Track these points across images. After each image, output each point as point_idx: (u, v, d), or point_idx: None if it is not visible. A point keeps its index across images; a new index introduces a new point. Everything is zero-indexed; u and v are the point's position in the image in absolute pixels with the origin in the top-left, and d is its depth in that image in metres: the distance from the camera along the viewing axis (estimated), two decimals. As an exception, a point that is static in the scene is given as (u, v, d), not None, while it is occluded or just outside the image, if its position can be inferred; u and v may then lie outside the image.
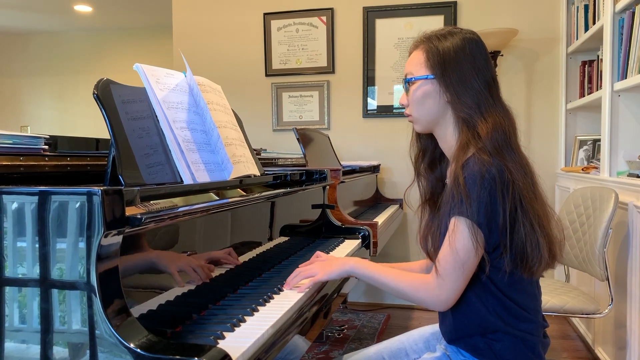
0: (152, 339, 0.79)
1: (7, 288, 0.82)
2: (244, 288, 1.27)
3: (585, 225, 2.22)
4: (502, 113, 1.17)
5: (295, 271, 1.29)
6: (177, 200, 1.04)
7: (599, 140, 2.81)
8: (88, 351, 0.79)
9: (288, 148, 3.65)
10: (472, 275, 1.13)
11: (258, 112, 3.85)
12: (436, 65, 1.18)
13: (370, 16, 3.66)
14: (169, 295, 0.99)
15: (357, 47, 3.70)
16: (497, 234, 1.09)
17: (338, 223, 2.07)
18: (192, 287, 1.07)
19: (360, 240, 2.01)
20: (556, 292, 2.15)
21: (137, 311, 0.88)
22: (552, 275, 3.18)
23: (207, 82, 1.38)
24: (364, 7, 3.66)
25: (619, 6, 2.34)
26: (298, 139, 2.58)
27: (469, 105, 1.16)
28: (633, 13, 2.24)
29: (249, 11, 3.85)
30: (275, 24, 3.81)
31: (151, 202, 0.94)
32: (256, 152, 1.73)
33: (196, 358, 0.75)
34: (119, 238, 0.83)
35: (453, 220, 1.11)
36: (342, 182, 2.39)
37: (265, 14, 3.81)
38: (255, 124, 3.78)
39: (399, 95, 3.63)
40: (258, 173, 1.47)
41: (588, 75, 3.10)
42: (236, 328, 0.96)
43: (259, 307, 1.09)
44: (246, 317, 1.02)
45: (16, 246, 0.82)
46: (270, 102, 3.85)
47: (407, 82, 1.24)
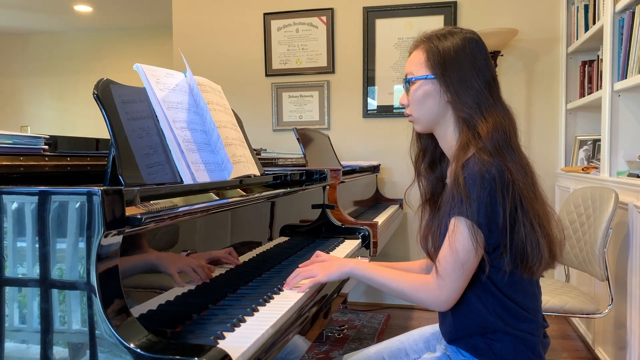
0: (152, 339, 0.79)
1: (7, 288, 0.82)
2: (244, 288, 1.27)
3: (585, 225, 2.22)
4: (503, 113, 1.17)
5: (295, 271, 1.29)
6: (177, 200, 1.04)
7: (599, 140, 2.81)
8: (88, 351, 0.79)
9: (288, 148, 3.65)
10: (472, 275, 1.13)
11: (258, 112, 3.85)
12: (436, 65, 1.18)
13: (370, 16, 3.66)
14: (169, 295, 0.99)
15: (357, 47, 3.70)
16: (497, 234, 1.09)
17: (338, 223, 2.07)
18: (192, 287, 1.07)
19: (360, 240, 2.01)
20: (556, 292, 2.15)
21: (137, 311, 0.88)
22: (552, 275, 3.18)
23: (207, 82, 1.38)
24: (364, 7, 3.66)
25: (619, 6, 2.34)
26: (298, 139, 2.58)
27: (470, 105, 1.16)
28: (633, 13, 2.24)
29: (249, 11, 3.85)
30: (275, 24, 3.81)
31: (151, 202, 0.94)
32: (256, 152, 1.73)
33: (196, 358, 0.75)
34: (119, 238, 0.83)
35: (453, 220, 1.11)
36: (342, 182, 2.39)
37: (265, 14, 3.81)
38: (255, 124, 3.78)
39: (399, 95, 3.63)
40: (258, 173, 1.47)
41: (588, 75, 3.10)
42: (236, 328, 0.96)
43: (259, 307, 1.09)
44: (246, 317, 1.02)
45: (16, 246, 0.82)
46: (270, 102, 3.85)
47: (408, 82, 1.24)
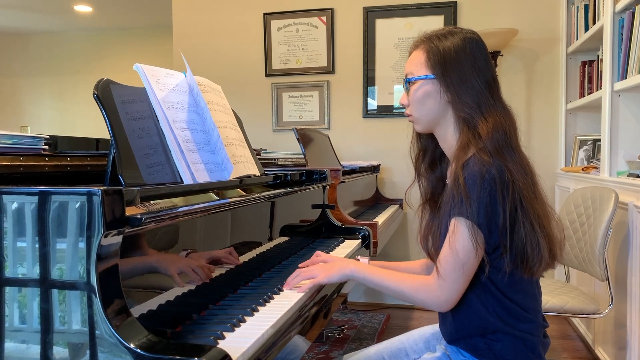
0: (152, 339, 0.79)
1: (7, 288, 0.82)
2: (244, 288, 1.27)
3: (585, 225, 2.22)
4: (503, 113, 1.17)
5: (295, 271, 1.29)
6: (177, 200, 1.04)
7: (599, 140, 2.81)
8: (88, 351, 0.79)
9: (288, 148, 3.65)
10: (473, 275, 1.13)
11: (258, 112, 3.85)
12: (437, 65, 1.18)
13: (370, 16, 3.66)
14: (169, 295, 0.99)
15: (357, 47, 3.70)
16: (497, 235, 1.09)
17: (338, 223, 2.07)
18: (192, 287, 1.07)
19: (360, 240, 2.01)
20: (556, 292, 2.15)
21: (137, 311, 0.88)
22: (552, 275, 3.18)
23: (207, 82, 1.38)
24: (364, 7, 3.66)
25: (619, 6, 2.34)
26: (298, 139, 2.58)
27: (470, 105, 1.16)
28: (633, 13, 2.24)
29: (249, 11, 3.85)
30: (275, 24, 3.81)
31: (151, 202, 0.94)
32: (256, 152, 1.73)
33: (196, 358, 0.75)
34: (119, 238, 0.83)
35: (453, 221, 1.11)
36: (342, 182, 2.39)
37: (265, 14, 3.81)
38: (255, 124, 3.78)
39: (399, 95, 3.63)
40: (258, 173, 1.47)
41: (588, 75, 3.10)
42: (236, 328, 0.96)
43: (259, 307, 1.09)
44: (246, 317, 1.02)
45: (16, 246, 0.82)
46: (270, 102, 3.85)
47: (408, 82, 1.24)
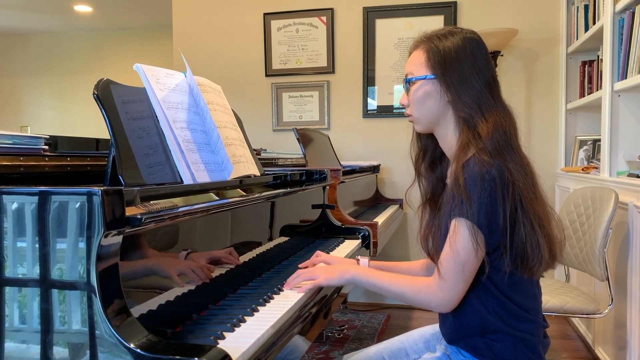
0: (152, 339, 0.79)
1: (7, 288, 0.82)
2: (244, 288, 1.27)
3: (585, 225, 2.22)
4: (503, 113, 1.17)
5: (296, 272, 1.29)
6: (177, 200, 1.04)
7: (599, 140, 2.81)
8: (88, 351, 0.79)
9: (288, 148, 3.65)
10: (474, 276, 1.13)
11: (258, 112, 3.85)
12: (437, 65, 1.18)
13: (370, 16, 3.66)
14: (169, 295, 0.99)
15: (357, 47, 3.70)
16: (498, 235, 1.09)
17: (338, 223, 2.07)
18: (192, 287, 1.07)
19: (360, 240, 2.01)
20: (556, 292, 2.15)
21: (137, 311, 0.88)
22: (552, 275, 3.18)
23: (207, 82, 1.38)
24: (364, 7, 3.66)
25: (619, 6, 2.34)
26: (298, 139, 2.58)
27: (470, 105, 1.16)
28: (633, 13, 2.23)
29: (249, 11, 3.85)
30: (275, 24, 3.81)
31: (151, 202, 0.94)
32: (256, 152, 1.73)
33: (196, 358, 0.75)
34: (119, 238, 0.83)
35: (453, 221, 1.10)
36: (342, 182, 2.39)
37: (265, 14, 3.81)
38: (255, 124, 3.78)
39: (399, 95, 3.63)
40: (258, 173, 1.47)
41: (588, 75, 3.10)
42: (236, 328, 0.96)
43: (259, 307, 1.09)
44: (246, 317, 1.02)
45: (16, 246, 0.82)
46: (270, 102, 3.85)
47: (408, 82, 1.23)
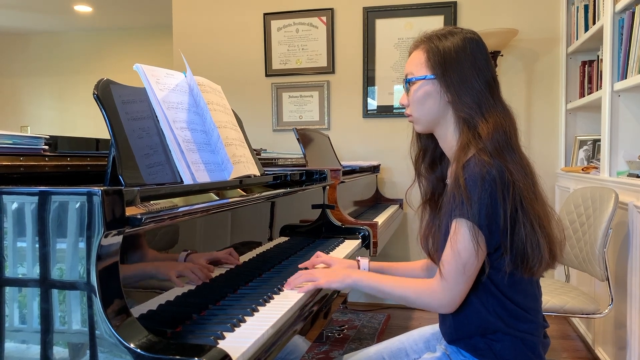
0: (152, 339, 0.79)
1: (7, 288, 0.82)
2: (244, 288, 1.27)
3: (585, 225, 2.22)
4: (503, 113, 1.17)
5: (297, 273, 1.29)
6: (177, 200, 1.04)
7: (599, 140, 2.81)
8: (88, 351, 0.79)
9: (288, 148, 3.65)
10: (475, 276, 1.13)
11: (258, 112, 3.85)
12: (437, 65, 1.18)
13: (370, 16, 3.66)
14: (169, 295, 0.99)
15: (357, 47, 3.70)
16: (498, 235, 1.09)
17: (338, 223, 2.07)
18: (192, 287, 1.07)
19: (360, 240, 2.01)
20: (556, 292, 2.15)
21: (137, 311, 0.88)
22: (552, 275, 3.18)
23: (207, 82, 1.38)
24: (364, 7, 3.66)
25: (619, 6, 2.34)
26: (298, 139, 2.58)
27: (470, 105, 1.15)
28: (633, 13, 2.23)
29: (249, 11, 3.85)
30: (275, 24, 3.81)
31: (151, 202, 0.94)
32: (256, 152, 1.73)
33: (196, 358, 0.75)
34: (119, 238, 0.83)
35: (454, 222, 1.10)
36: (342, 182, 2.39)
37: (265, 14, 3.81)
38: (255, 124, 3.78)
39: (399, 95, 3.63)
40: (258, 173, 1.47)
41: (588, 75, 3.10)
42: (236, 328, 0.96)
43: (259, 307, 1.09)
44: (246, 317, 1.02)
45: (16, 246, 0.82)
46: (270, 102, 3.85)
47: (408, 82, 1.23)
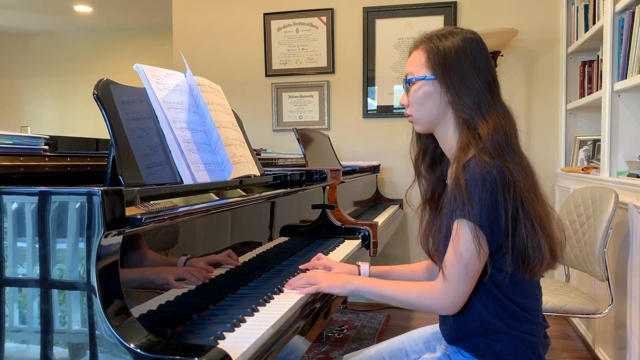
0: (152, 339, 0.79)
1: (7, 288, 0.82)
2: (244, 288, 1.27)
3: (585, 225, 2.22)
4: (503, 114, 1.17)
5: (299, 275, 1.30)
6: (177, 200, 1.04)
7: (599, 140, 2.81)
8: (88, 351, 0.79)
9: (288, 148, 3.65)
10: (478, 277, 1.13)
11: (258, 112, 3.85)
12: (437, 65, 1.18)
13: (370, 16, 3.66)
14: (169, 295, 0.99)
15: (357, 47, 3.70)
16: (499, 236, 1.09)
17: (338, 223, 2.07)
18: (192, 288, 1.07)
19: (360, 240, 2.01)
20: (556, 292, 2.15)
21: (137, 311, 0.88)
22: (552, 275, 3.18)
23: (207, 83, 1.38)
24: (364, 7, 3.66)
25: (619, 6, 2.34)
26: (298, 139, 2.58)
27: (470, 105, 1.15)
28: (633, 13, 2.23)
29: (249, 11, 3.85)
30: (275, 24, 3.81)
31: (151, 203, 0.94)
32: (256, 152, 1.73)
33: (196, 358, 0.75)
34: (119, 238, 0.83)
35: (456, 223, 1.10)
36: (342, 182, 2.39)
37: (265, 14, 3.81)
38: (255, 124, 3.78)
39: (399, 95, 3.63)
40: (258, 173, 1.47)
41: (588, 75, 3.10)
42: (236, 328, 0.96)
43: (259, 308, 1.09)
44: (246, 318, 1.02)
45: (16, 246, 0.82)
46: (270, 102, 3.85)
47: (408, 83, 1.23)
